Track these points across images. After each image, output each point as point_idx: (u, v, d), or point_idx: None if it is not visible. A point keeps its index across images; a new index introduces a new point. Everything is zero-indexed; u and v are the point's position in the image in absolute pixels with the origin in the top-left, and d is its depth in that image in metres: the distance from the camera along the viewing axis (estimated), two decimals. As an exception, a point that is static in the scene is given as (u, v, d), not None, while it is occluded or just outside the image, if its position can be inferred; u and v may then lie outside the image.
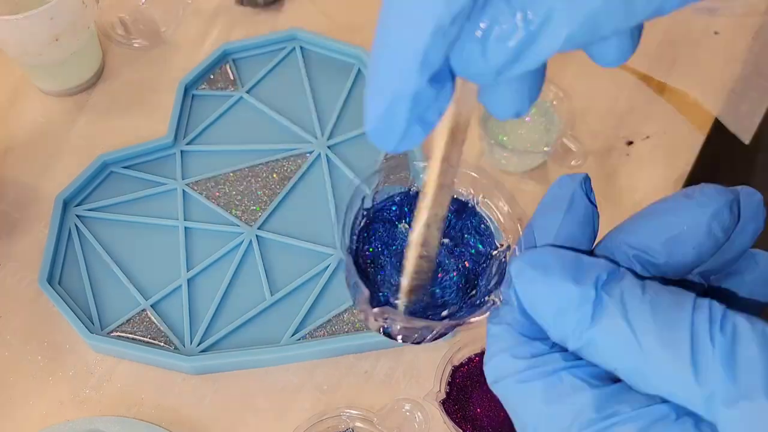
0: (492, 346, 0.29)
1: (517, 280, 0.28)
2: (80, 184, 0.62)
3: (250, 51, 0.71)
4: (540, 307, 0.27)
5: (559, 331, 0.27)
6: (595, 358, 0.26)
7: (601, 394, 0.26)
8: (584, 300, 0.26)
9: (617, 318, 0.25)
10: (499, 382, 0.28)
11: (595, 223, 0.30)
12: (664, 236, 0.28)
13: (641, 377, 0.25)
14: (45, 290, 0.57)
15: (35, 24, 0.60)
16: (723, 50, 0.72)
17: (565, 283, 0.26)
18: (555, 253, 0.28)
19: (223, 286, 0.59)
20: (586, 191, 0.30)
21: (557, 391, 0.27)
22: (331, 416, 0.52)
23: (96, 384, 0.55)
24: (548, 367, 0.27)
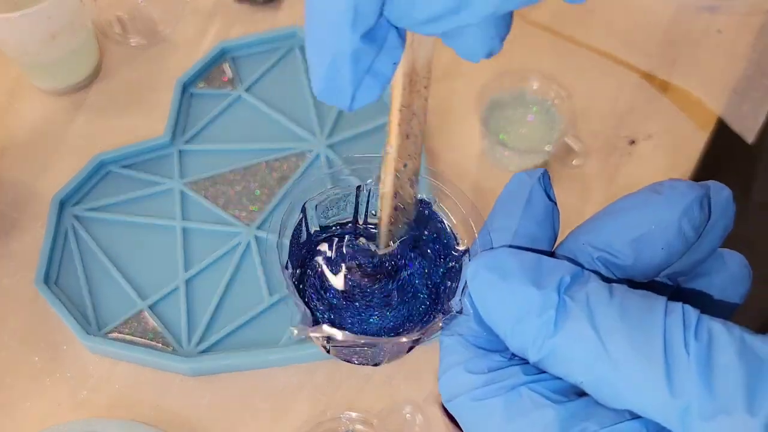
0: (444, 360, 0.27)
1: (472, 285, 0.26)
2: (77, 184, 0.62)
3: (249, 49, 0.71)
4: (497, 315, 0.25)
5: (519, 341, 0.24)
6: (558, 370, 0.24)
7: (566, 411, 0.24)
8: (546, 305, 0.24)
9: (583, 324, 0.23)
10: (454, 400, 0.26)
11: (555, 222, 0.28)
12: (631, 236, 0.26)
13: (609, 390, 0.23)
14: (41, 291, 0.57)
15: (33, 22, 0.60)
16: (726, 49, 0.72)
17: (524, 287, 0.24)
18: (513, 254, 0.25)
19: (221, 286, 0.58)
20: (544, 187, 0.28)
21: (517, 408, 0.24)
22: (330, 418, 0.52)
23: (94, 385, 0.55)
24: (507, 382, 0.25)
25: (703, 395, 0.21)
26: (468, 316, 0.27)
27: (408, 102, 0.27)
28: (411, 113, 0.28)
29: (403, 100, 0.27)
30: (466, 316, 0.27)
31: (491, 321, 0.25)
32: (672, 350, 0.22)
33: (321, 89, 0.23)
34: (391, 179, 0.31)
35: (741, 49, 0.72)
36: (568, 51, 0.70)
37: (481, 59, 0.24)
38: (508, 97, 0.65)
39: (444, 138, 0.66)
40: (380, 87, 0.24)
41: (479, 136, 0.64)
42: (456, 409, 0.26)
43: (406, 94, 0.27)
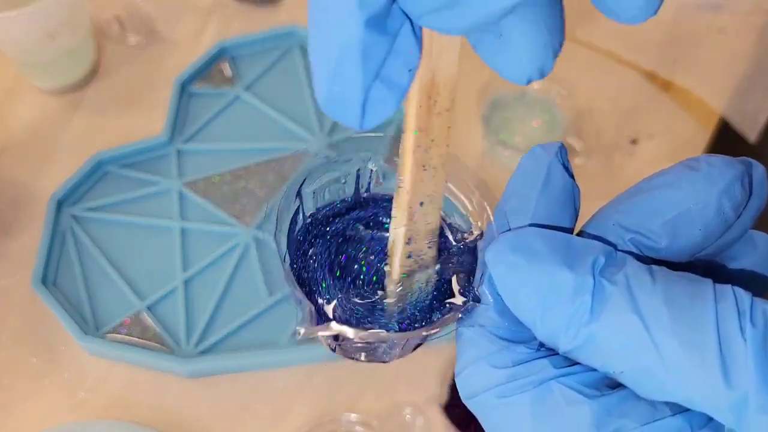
0: (464, 355, 0.25)
1: (495, 270, 0.23)
2: (75, 184, 0.62)
3: (248, 48, 0.70)
4: (524, 301, 0.23)
5: (549, 329, 0.22)
6: (593, 360, 0.22)
7: (601, 407, 0.22)
8: (581, 289, 0.21)
9: (624, 310, 0.21)
10: (476, 398, 0.24)
11: (576, 201, 0.25)
12: (666, 216, 0.24)
13: (653, 381, 0.21)
14: (39, 291, 0.56)
15: (31, 21, 0.59)
16: (728, 48, 0.72)
17: (555, 269, 0.22)
18: (540, 233, 0.23)
19: (220, 287, 0.58)
20: (563, 162, 0.25)
21: (548, 405, 0.22)
22: (330, 420, 0.52)
23: (92, 386, 0.55)
24: (535, 377, 0.23)
25: (761, 386, 0.19)
26: (487, 305, 0.25)
27: (425, 125, 0.23)
28: (429, 140, 0.23)
29: (419, 122, 0.23)
30: (485, 305, 0.25)
31: (517, 308, 0.23)
32: (726, 338, 0.20)
33: (325, 97, 0.20)
34: (405, 220, 0.26)
35: (743, 48, 0.72)
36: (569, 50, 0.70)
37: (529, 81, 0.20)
38: (509, 97, 0.65)
39: (444, 137, 0.65)
40: (395, 100, 0.21)
41: (480, 135, 0.64)
42: (478, 407, 0.24)
43: (423, 113, 0.23)
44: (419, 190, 0.25)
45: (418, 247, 0.27)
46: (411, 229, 0.26)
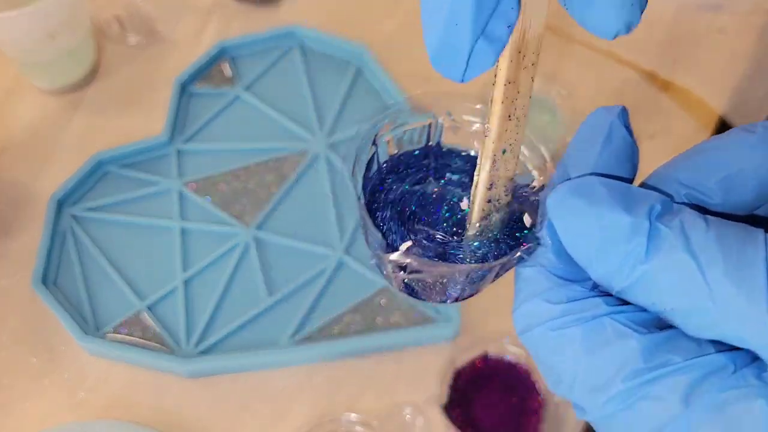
0: (522, 292, 0.26)
1: (555, 212, 0.25)
2: (75, 184, 0.62)
3: (248, 48, 0.70)
4: (581, 242, 0.24)
5: (604, 269, 0.24)
6: (645, 298, 0.23)
7: (650, 342, 0.23)
8: (637, 231, 0.23)
9: (678, 250, 0.22)
10: (530, 331, 0.25)
11: (635, 159, 0.27)
12: (721, 174, 0.25)
13: (703, 318, 0.22)
14: (39, 291, 0.56)
15: (31, 21, 0.59)
16: (728, 48, 0.72)
17: (613, 212, 0.23)
18: (601, 180, 0.24)
19: (220, 287, 0.58)
20: (624, 123, 0.27)
21: (599, 338, 0.24)
22: (330, 420, 0.52)
23: (92, 386, 0.55)
24: (588, 313, 0.24)
25: None
26: (546, 248, 0.26)
27: (514, 77, 0.25)
28: (516, 91, 0.26)
29: (509, 75, 0.25)
30: (544, 248, 0.26)
31: (574, 249, 0.25)
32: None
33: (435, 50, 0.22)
34: (488, 166, 0.29)
35: (743, 48, 0.72)
36: (569, 50, 0.70)
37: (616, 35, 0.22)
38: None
39: (444, 137, 0.65)
40: (494, 54, 0.23)
41: (480, 135, 0.64)
42: (531, 340, 0.25)
43: (512, 67, 0.25)
44: (504, 138, 0.28)
45: (497, 192, 0.30)
46: (493, 175, 0.29)
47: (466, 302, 0.57)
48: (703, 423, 0.22)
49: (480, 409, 0.51)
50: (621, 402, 0.23)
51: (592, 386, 0.24)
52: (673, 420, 0.22)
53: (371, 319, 0.56)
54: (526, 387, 0.52)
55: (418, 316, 0.56)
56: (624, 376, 0.23)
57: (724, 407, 0.22)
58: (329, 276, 0.58)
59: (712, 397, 0.22)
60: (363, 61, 0.69)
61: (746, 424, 0.21)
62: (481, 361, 0.53)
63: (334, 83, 0.68)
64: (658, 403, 0.22)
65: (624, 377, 0.23)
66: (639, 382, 0.23)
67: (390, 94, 0.67)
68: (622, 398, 0.23)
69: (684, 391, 0.22)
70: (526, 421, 0.51)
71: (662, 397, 0.22)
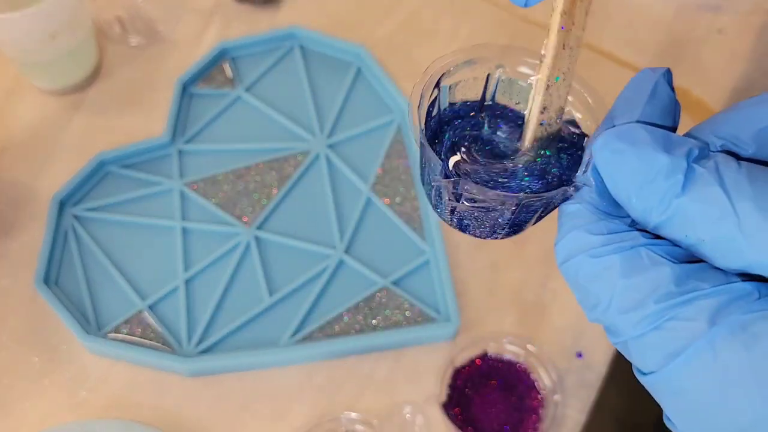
0: (564, 225, 0.29)
1: (600, 154, 0.27)
2: (77, 184, 0.62)
3: (249, 49, 0.71)
4: (623, 180, 0.27)
5: (643, 204, 0.26)
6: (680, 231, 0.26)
7: (682, 270, 0.25)
8: (675, 169, 0.25)
9: (712, 185, 0.25)
10: (570, 260, 0.28)
11: (676, 116, 0.29)
12: (756, 127, 0.27)
13: (732, 248, 0.24)
14: (41, 291, 0.57)
15: (32, 22, 0.60)
16: (727, 48, 0.72)
17: (654, 153, 0.26)
18: (643, 126, 0.27)
19: (221, 287, 0.58)
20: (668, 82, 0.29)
21: (636, 264, 0.26)
22: (330, 419, 0.52)
23: (93, 386, 0.55)
24: (626, 243, 0.26)
25: None
26: (590, 187, 0.29)
27: (570, 8, 0.28)
28: (571, 22, 0.29)
29: (566, 6, 0.28)
30: (588, 187, 0.29)
31: (616, 188, 0.27)
32: None
33: None
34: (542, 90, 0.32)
35: (742, 48, 0.72)
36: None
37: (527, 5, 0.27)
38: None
39: (444, 138, 0.66)
40: None
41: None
42: (571, 268, 0.28)
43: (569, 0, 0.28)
44: (557, 65, 0.31)
45: (549, 116, 0.33)
46: (546, 99, 0.32)
47: (465, 303, 0.58)
48: (726, 340, 0.24)
49: (479, 408, 0.51)
50: (652, 322, 0.25)
51: (627, 307, 0.26)
52: (698, 338, 0.24)
53: (371, 319, 0.56)
54: (525, 386, 0.52)
55: (418, 315, 0.56)
56: (656, 297, 0.25)
57: (746, 326, 0.24)
58: (330, 275, 0.58)
59: (736, 318, 0.24)
60: (363, 62, 0.69)
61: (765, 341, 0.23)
62: (481, 360, 0.53)
63: (334, 84, 0.69)
64: (686, 324, 0.25)
65: (656, 299, 0.25)
66: (670, 304, 0.25)
67: (389, 95, 0.67)
68: (653, 318, 0.25)
69: (710, 313, 0.24)
70: (525, 420, 0.51)
71: (690, 318, 0.24)
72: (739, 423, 0.24)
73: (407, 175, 0.63)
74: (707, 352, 0.24)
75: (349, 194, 0.63)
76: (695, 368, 0.25)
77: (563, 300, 0.57)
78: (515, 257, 0.59)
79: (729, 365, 0.24)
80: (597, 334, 0.56)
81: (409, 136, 0.65)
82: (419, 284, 0.58)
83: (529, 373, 0.53)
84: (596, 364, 0.55)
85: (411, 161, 0.64)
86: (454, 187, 0.36)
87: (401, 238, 0.60)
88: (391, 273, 0.58)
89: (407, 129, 0.65)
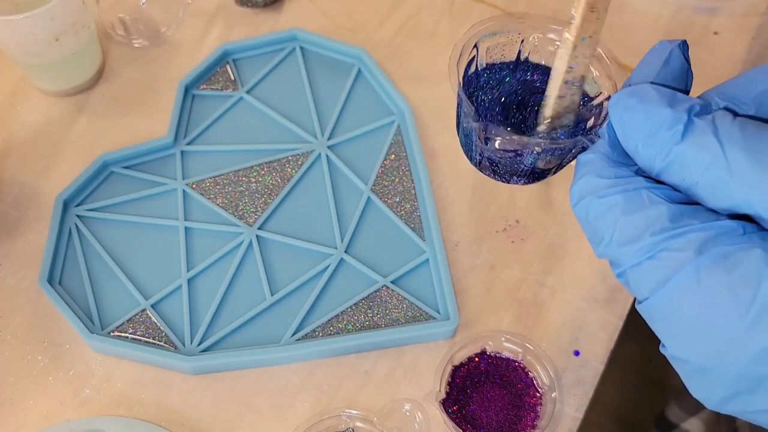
0: (579, 172, 0.33)
1: (614, 109, 0.31)
2: (80, 184, 0.62)
3: (251, 51, 0.71)
4: (632, 131, 0.30)
5: (648, 153, 0.29)
6: (678, 175, 0.29)
7: (677, 210, 0.29)
8: (677, 121, 0.29)
9: (707, 134, 0.28)
10: (582, 201, 0.31)
11: (688, 81, 0.33)
12: (756, 90, 0.30)
13: (722, 188, 0.27)
14: (45, 290, 0.57)
15: (36, 24, 0.60)
16: (723, 50, 0.72)
17: (660, 108, 0.29)
18: (653, 86, 0.30)
19: (223, 286, 0.59)
20: (683, 52, 0.32)
21: (636, 203, 0.29)
22: (331, 416, 0.52)
23: (96, 384, 0.55)
24: (630, 185, 0.30)
25: None
26: (604, 140, 0.32)
27: None
28: None
29: None
30: (602, 140, 0.33)
31: (625, 138, 0.31)
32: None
33: None
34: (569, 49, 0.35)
35: (737, 50, 0.72)
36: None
37: None
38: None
39: (444, 138, 0.66)
40: None
41: (478, 136, 0.65)
42: (582, 208, 0.32)
43: None
44: (585, 27, 0.34)
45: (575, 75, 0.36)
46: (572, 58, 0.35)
47: (464, 302, 0.58)
48: (709, 267, 0.27)
49: (477, 405, 0.52)
50: (647, 252, 0.28)
51: (626, 240, 0.29)
52: (686, 265, 0.27)
53: (371, 317, 0.57)
54: (523, 383, 0.53)
55: (417, 314, 0.57)
56: (652, 231, 0.28)
57: (728, 255, 0.27)
58: (330, 275, 0.59)
59: (720, 249, 0.27)
60: (363, 64, 0.70)
61: (743, 266, 0.26)
62: (479, 357, 0.54)
63: (335, 86, 0.69)
64: (676, 254, 0.28)
65: (652, 232, 0.28)
66: (664, 237, 0.28)
67: (389, 96, 0.68)
68: (648, 249, 0.28)
69: (698, 244, 0.27)
70: (524, 417, 0.52)
71: (680, 249, 0.28)
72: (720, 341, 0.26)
73: (407, 175, 0.64)
74: (692, 278, 0.27)
75: (349, 194, 0.63)
76: (682, 292, 0.27)
77: (561, 299, 0.58)
78: (513, 257, 0.60)
79: (711, 288, 0.27)
80: (594, 333, 0.57)
81: (409, 136, 0.65)
82: (419, 283, 0.59)
83: (527, 371, 0.53)
84: (593, 362, 0.55)
85: (411, 161, 0.65)
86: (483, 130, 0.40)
87: (401, 238, 0.61)
88: (391, 272, 0.59)
89: (407, 130, 0.66)
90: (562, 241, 0.61)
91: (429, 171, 0.64)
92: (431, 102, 0.68)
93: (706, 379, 0.27)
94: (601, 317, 0.57)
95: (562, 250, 0.60)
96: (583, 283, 0.59)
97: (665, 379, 1.28)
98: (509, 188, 0.63)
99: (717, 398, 0.28)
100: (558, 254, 0.60)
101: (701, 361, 0.27)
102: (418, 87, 0.69)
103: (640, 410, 1.27)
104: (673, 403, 1.02)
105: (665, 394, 1.25)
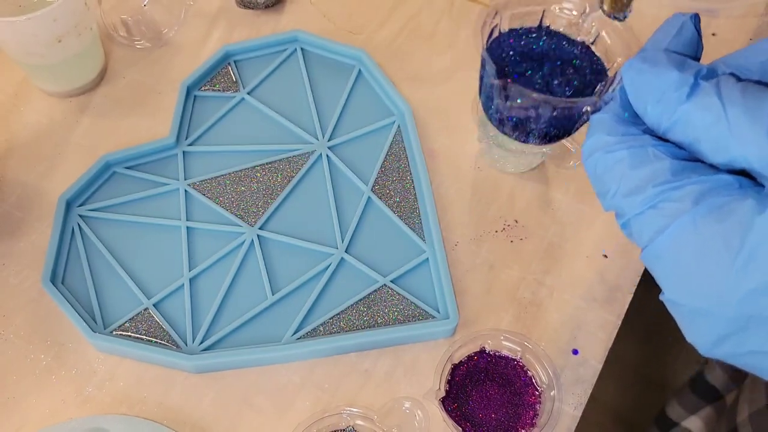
0: (591, 129, 0.35)
1: (627, 72, 0.32)
2: (83, 185, 0.63)
3: (252, 52, 0.72)
4: (642, 93, 0.32)
5: (656, 113, 0.31)
6: (682, 134, 0.31)
7: (679, 165, 0.30)
8: (684, 83, 0.30)
9: (710, 95, 0.29)
10: (591, 155, 0.33)
11: (699, 50, 0.35)
12: (761, 58, 0.33)
13: (722, 144, 0.29)
14: (48, 290, 0.58)
15: (38, 26, 0.60)
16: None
17: (668, 71, 0.31)
18: (664, 52, 0.33)
19: (224, 285, 0.59)
20: (695, 23, 0.35)
21: (641, 158, 0.31)
22: (331, 414, 0.53)
23: (99, 382, 0.56)
24: (636, 142, 0.32)
25: None
26: (616, 101, 0.34)
27: None
28: None
29: None
30: (614, 101, 0.34)
31: (636, 99, 0.32)
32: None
33: None
34: None
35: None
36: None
37: None
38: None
39: (444, 138, 0.67)
40: None
41: (477, 138, 0.65)
42: (591, 163, 0.34)
43: None
44: None
45: None
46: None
47: (464, 301, 0.59)
48: (705, 216, 0.29)
49: (477, 403, 0.52)
50: (649, 202, 0.30)
51: (630, 191, 0.31)
52: (683, 214, 0.29)
53: (372, 316, 0.57)
54: (522, 382, 0.53)
55: (417, 313, 0.57)
56: (654, 183, 0.30)
57: (722, 205, 0.29)
58: (331, 274, 0.59)
59: (715, 200, 0.29)
60: (363, 65, 0.70)
61: (735, 215, 0.28)
62: (478, 356, 0.54)
63: (335, 87, 0.70)
64: (675, 204, 0.30)
65: (654, 184, 0.30)
66: (665, 189, 0.30)
67: (390, 97, 0.68)
68: (650, 199, 0.30)
69: (696, 195, 0.29)
70: (522, 415, 0.52)
71: (679, 199, 0.30)
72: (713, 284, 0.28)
73: (407, 175, 0.64)
74: (689, 225, 0.29)
75: (349, 195, 0.64)
76: (679, 238, 0.29)
77: (560, 299, 0.58)
78: (513, 256, 0.60)
79: (705, 235, 0.28)
80: (592, 332, 0.57)
81: (409, 137, 0.66)
82: (419, 283, 0.59)
83: (526, 370, 0.54)
84: (592, 360, 0.56)
85: (411, 161, 0.65)
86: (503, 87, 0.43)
87: (401, 238, 0.61)
88: (391, 272, 0.59)
89: (407, 130, 0.66)
90: (561, 241, 0.61)
91: (429, 171, 0.65)
92: (431, 102, 0.69)
93: (700, 321, 0.29)
94: (600, 316, 0.58)
95: (561, 249, 0.61)
96: (582, 282, 0.59)
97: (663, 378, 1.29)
98: (509, 188, 0.63)
99: (710, 341, 0.29)
100: (557, 254, 0.61)
101: (696, 304, 0.29)
102: (418, 88, 0.70)
103: (638, 409, 1.27)
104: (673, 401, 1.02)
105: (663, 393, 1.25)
